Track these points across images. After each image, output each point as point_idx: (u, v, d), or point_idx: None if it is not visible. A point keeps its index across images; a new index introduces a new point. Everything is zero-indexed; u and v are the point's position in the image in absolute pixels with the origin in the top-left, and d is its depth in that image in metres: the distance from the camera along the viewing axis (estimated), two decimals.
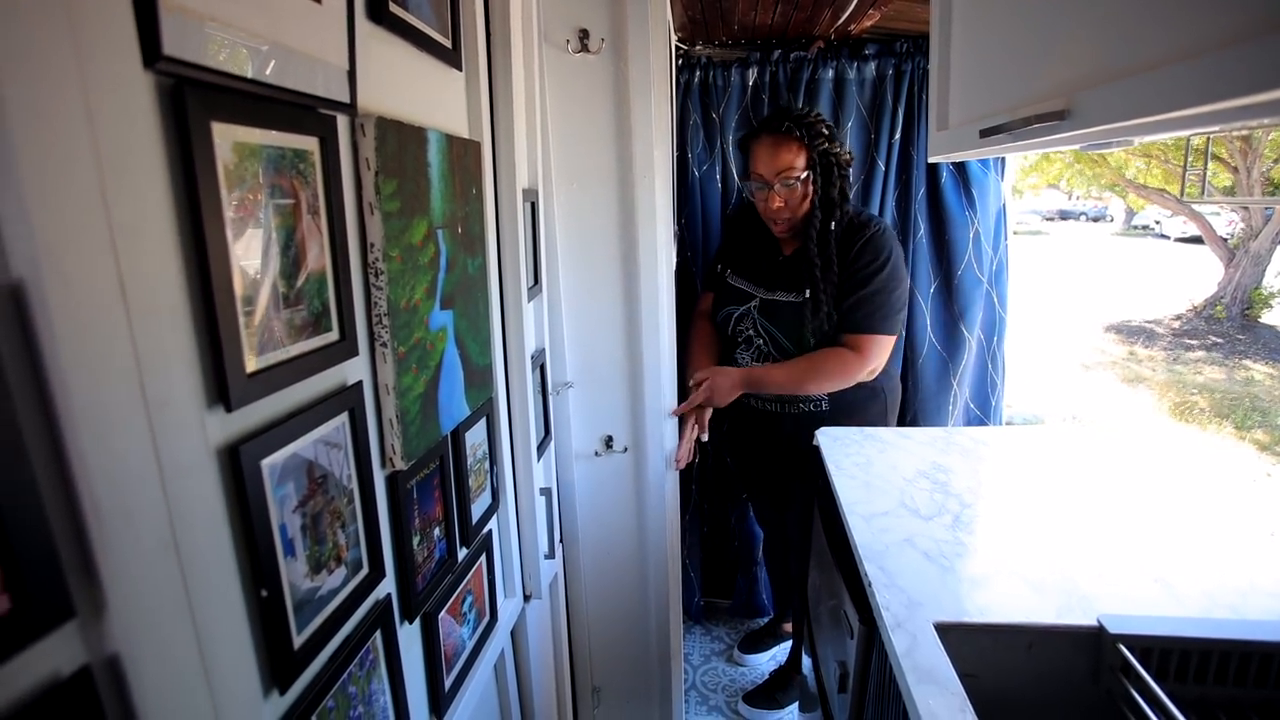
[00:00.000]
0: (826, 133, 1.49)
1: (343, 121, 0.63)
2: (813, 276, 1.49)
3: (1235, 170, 7.40)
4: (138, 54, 0.39)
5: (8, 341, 0.33)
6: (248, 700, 0.52)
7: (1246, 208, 7.72)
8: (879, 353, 1.51)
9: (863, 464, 1.31)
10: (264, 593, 0.53)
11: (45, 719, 0.36)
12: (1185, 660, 0.81)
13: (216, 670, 0.47)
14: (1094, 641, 0.84)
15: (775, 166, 1.48)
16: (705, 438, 1.67)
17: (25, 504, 0.35)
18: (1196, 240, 10.77)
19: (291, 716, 0.58)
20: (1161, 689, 0.74)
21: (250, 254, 0.50)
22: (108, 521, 0.38)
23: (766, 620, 2.24)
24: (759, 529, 2.16)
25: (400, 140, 0.70)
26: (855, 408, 1.59)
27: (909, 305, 1.84)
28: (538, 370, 1.25)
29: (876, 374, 1.57)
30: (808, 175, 1.48)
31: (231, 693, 0.49)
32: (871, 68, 1.81)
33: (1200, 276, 9.53)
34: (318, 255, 0.58)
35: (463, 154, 0.88)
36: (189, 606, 0.45)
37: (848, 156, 1.53)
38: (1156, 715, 0.74)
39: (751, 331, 1.61)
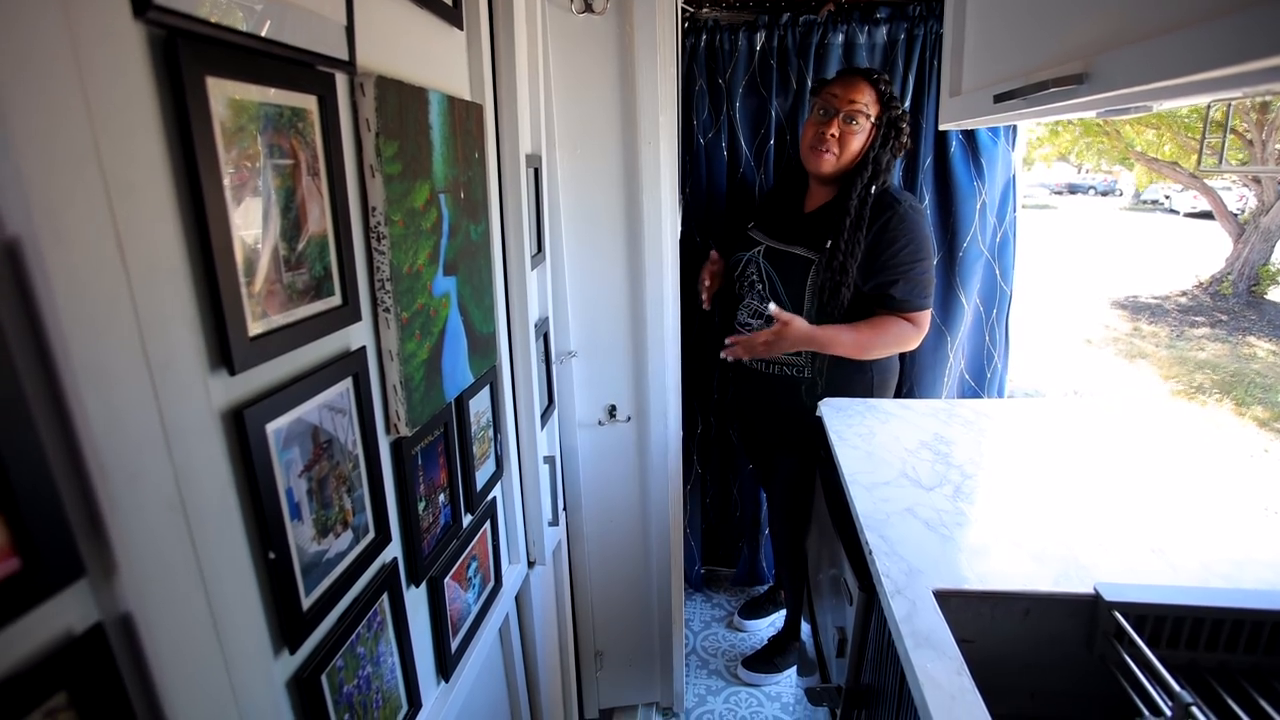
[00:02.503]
0: (900, 110, 1.52)
1: (341, 80, 0.61)
2: (839, 226, 1.48)
3: (1251, 144, 7.27)
4: (128, 3, 0.38)
5: (5, 299, 0.33)
6: (258, 659, 0.52)
7: (1259, 181, 7.60)
8: (927, 328, 1.57)
9: (865, 435, 1.32)
10: (271, 555, 0.54)
11: (61, 673, 0.37)
12: (1178, 627, 0.82)
13: (227, 629, 0.48)
14: (1090, 609, 0.85)
15: (849, 96, 1.48)
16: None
17: (30, 464, 0.35)
18: (1206, 216, 10.64)
19: (302, 675, 0.59)
20: (1154, 654, 0.76)
21: (250, 215, 0.49)
22: (114, 482, 0.38)
23: (767, 587, 2.28)
24: (761, 498, 2.18)
25: (401, 101, 0.68)
26: (838, 381, 1.59)
27: None
28: (541, 339, 1.25)
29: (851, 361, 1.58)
30: (872, 126, 1.49)
31: (242, 651, 0.50)
32: (883, 32, 1.77)
33: (1209, 252, 9.43)
34: (319, 218, 0.57)
35: (465, 116, 0.86)
36: (198, 567, 0.45)
37: (906, 140, 1.55)
38: (1148, 679, 0.75)
39: (755, 276, 1.63)
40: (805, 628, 1.55)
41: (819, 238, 1.53)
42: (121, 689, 0.40)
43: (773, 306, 1.46)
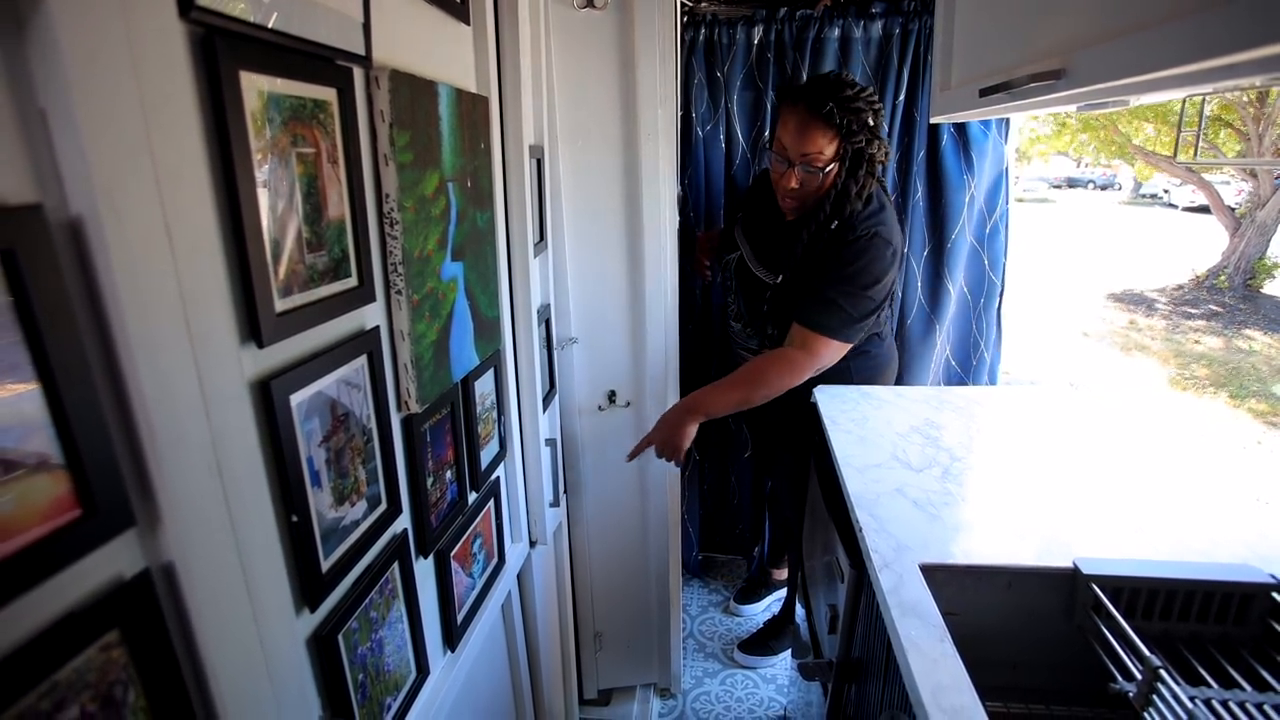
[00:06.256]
0: (871, 124, 1.33)
1: (358, 74, 0.65)
2: (791, 262, 1.42)
3: (1247, 138, 7.29)
4: (174, 4, 0.41)
5: (69, 272, 0.37)
6: (283, 614, 0.56)
7: (1255, 175, 7.62)
8: (831, 356, 1.40)
9: (858, 420, 1.35)
10: (294, 518, 0.57)
11: (114, 612, 0.41)
12: (1152, 599, 0.86)
13: (256, 584, 0.52)
14: (1069, 582, 0.89)
15: (801, 147, 1.32)
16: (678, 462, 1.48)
17: (90, 422, 0.38)
18: (1205, 210, 10.67)
19: (321, 633, 0.63)
20: (1129, 625, 0.80)
21: (277, 199, 0.52)
22: (161, 442, 0.42)
23: (760, 570, 2.32)
24: (755, 485, 2.22)
25: (413, 93, 0.72)
26: (820, 382, 1.58)
27: (902, 270, 1.86)
28: (543, 325, 1.28)
29: (824, 371, 1.46)
30: (833, 169, 1.34)
31: (270, 605, 0.54)
32: (878, 26, 1.80)
33: (1206, 246, 9.48)
34: (337, 203, 0.61)
35: (471, 109, 0.89)
36: (231, 524, 0.49)
37: (883, 156, 1.39)
38: (1123, 648, 0.79)
39: (731, 283, 1.64)
40: (800, 612, 1.60)
41: (784, 259, 1.46)
42: (165, 631, 0.44)
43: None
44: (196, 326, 0.44)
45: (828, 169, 1.34)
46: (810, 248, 1.39)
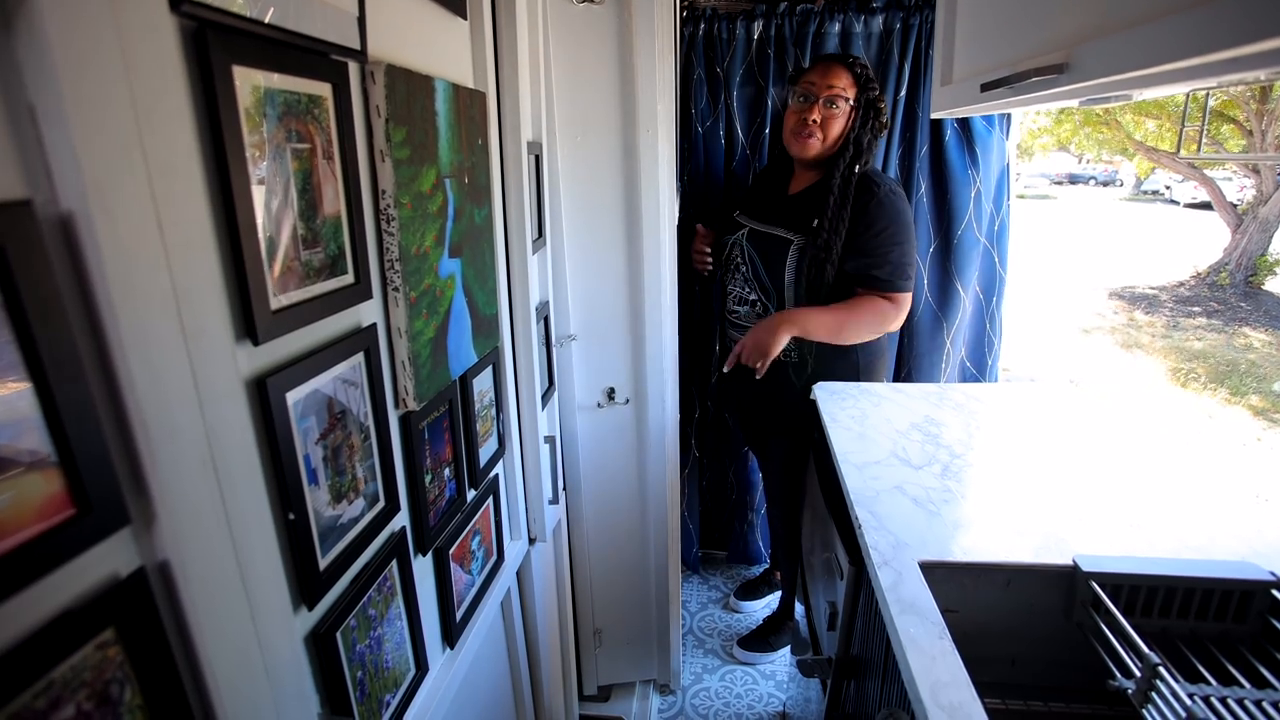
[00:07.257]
0: (877, 91, 1.55)
1: (353, 69, 0.64)
2: (824, 209, 1.52)
3: (1250, 134, 7.27)
4: None
5: (61, 269, 0.36)
6: (280, 611, 0.56)
7: (1258, 171, 7.61)
8: (907, 308, 1.59)
9: (858, 416, 1.35)
10: (291, 516, 0.57)
11: (110, 610, 0.40)
12: (1151, 596, 0.86)
13: (253, 582, 0.52)
14: (1068, 579, 0.89)
15: (827, 81, 1.51)
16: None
17: (82, 420, 0.38)
18: (1206, 206, 10.66)
19: (319, 631, 0.63)
20: (1128, 622, 0.79)
21: (271, 195, 0.52)
22: (155, 439, 0.42)
23: (762, 569, 2.32)
24: (756, 482, 2.22)
25: (409, 88, 0.71)
26: (825, 363, 1.62)
27: None
28: (542, 322, 1.28)
29: (858, 342, 1.62)
30: (851, 108, 1.53)
31: (267, 603, 0.53)
32: (879, 21, 1.79)
33: (1208, 242, 9.46)
34: (333, 200, 0.61)
35: (469, 104, 0.89)
36: (227, 522, 0.49)
37: (885, 120, 1.58)
38: (1122, 645, 0.79)
39: (739, 259, 1.67)
40: (799, 609, 1.60)
41: (801, 219, 1.57)
42: (161, 629, 0.44)
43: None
44: (190, 324, 0.44)
45: (848, 105, 1.52)
46: (843, 191, 1.53)
